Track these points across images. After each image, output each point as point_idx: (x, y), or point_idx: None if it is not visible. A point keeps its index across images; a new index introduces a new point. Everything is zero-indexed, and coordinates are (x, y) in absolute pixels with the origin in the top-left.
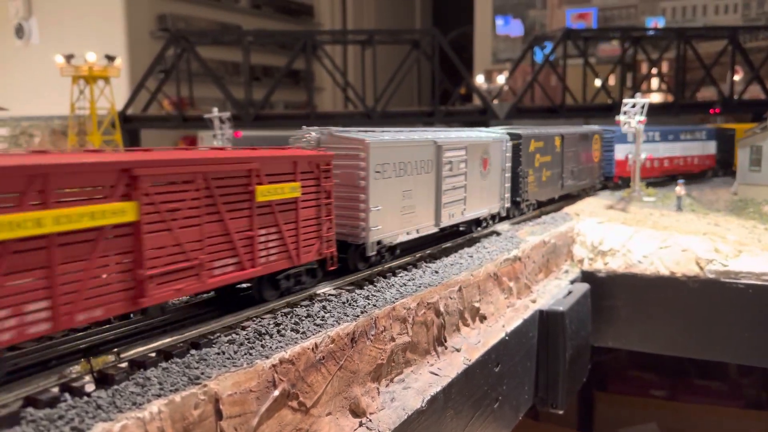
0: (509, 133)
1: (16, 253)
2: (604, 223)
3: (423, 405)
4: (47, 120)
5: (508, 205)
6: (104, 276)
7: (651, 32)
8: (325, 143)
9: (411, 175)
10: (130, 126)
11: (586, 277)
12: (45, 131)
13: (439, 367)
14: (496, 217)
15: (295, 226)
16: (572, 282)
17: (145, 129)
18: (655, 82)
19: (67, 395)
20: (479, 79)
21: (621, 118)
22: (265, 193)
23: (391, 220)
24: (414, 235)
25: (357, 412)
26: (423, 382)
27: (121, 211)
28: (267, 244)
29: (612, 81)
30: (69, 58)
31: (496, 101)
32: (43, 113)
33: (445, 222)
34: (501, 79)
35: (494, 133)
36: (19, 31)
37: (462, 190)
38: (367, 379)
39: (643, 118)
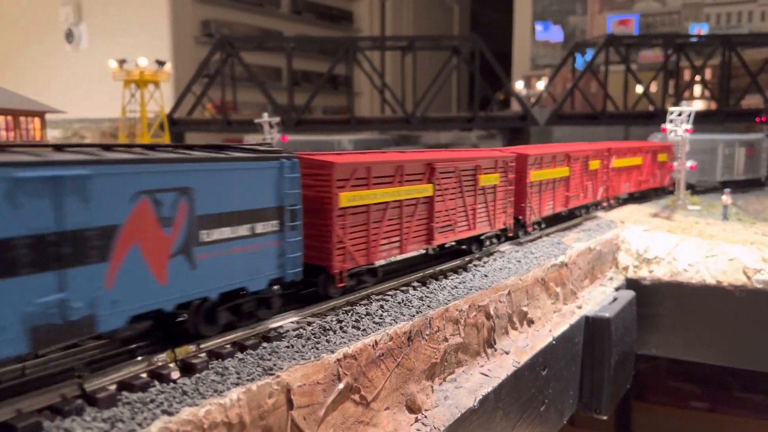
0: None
1: None
2: (649, 231)
3: (475, 404)
4: (97, 122)
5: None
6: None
7: (695, 39)
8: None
9: (700, 156)
10: (176, 129)
11: (631, 284)
12: (95, 133)
13: (489, 368)
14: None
15: (494, 204)
16: (617, 289)
17: (190, 132)
18: (698, 89)
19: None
20: (518, 85)
21: (667, 126)
22: (487, 180)
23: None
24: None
25: (413, 408)
26: (474, 383)
27: (425, 189)
28: (481, 214)
29: (654, 88)
30: (121, 62)
31: (535, 107)
32: (91, 115)
33: (723, 178)
34: (540, 85)
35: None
36: (69, 36)
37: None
38: (422, 377)
39: (689, 126)
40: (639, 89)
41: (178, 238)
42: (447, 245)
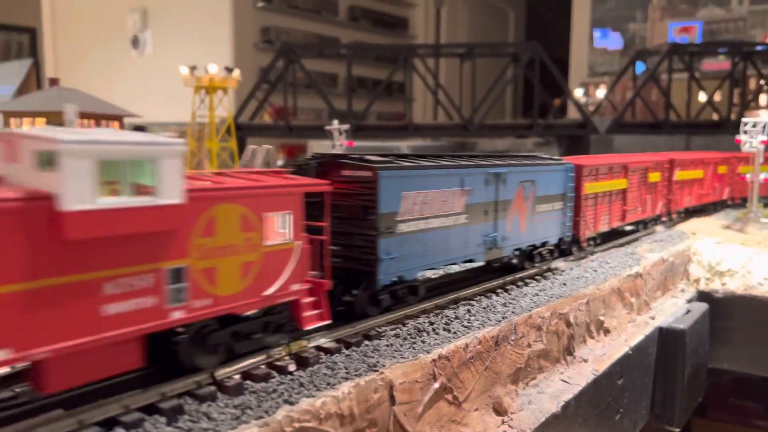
0: None
1: None
2: (721, 243)
3: (558, 410)
4: (164, 126)
5: None
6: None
7: (762, 47)
8: None
9: None
10: (239, 134)
11: (703, 296)
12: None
13: (569, 375)
14: None
15: (656, 195)
16: (689, 301)
17: (252, 137)
18: (764, 99)
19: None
20: (578, 93)
21: (742, 137)
22: (652, 177)
23: None
24: None
25: (499, 410)
26: (555, 389)
27: (622, 183)
28: (649, 203)
29: (717, 97)
30: (192, 69)
31: (595, 115)
32: (155, 119)
33: None
34: (600, 92)
35: None
36: (135, 42)
37: None
38: (508, 381)
39: (765, 137)
40: (702, 98)
41: (529, 208)
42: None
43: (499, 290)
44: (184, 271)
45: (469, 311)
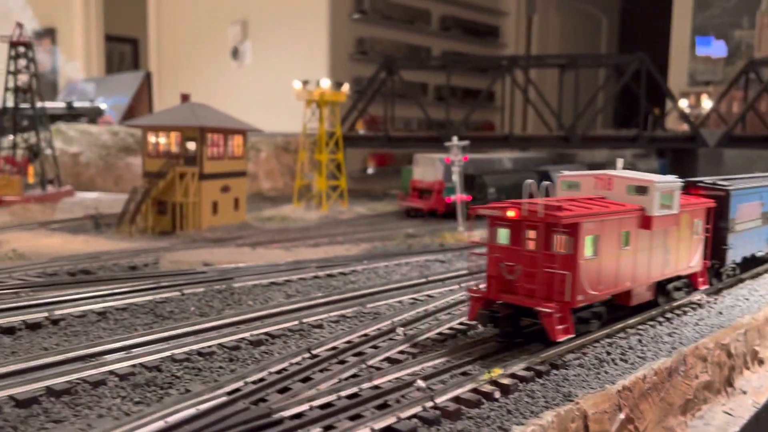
0: None
1: None
2: None
3: None
4: (271, 137)
5: None
6: None
7: None
8: None
9: None
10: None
11: None
12: (269, 146)
13: (731, 407)
14: None
15: None
16: None
17: (351, 148)
18: None
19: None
20: (682, 103)
21: None
22: None
23: None
24: None
25: None
26: (720, 421)
27: None
28: None
29: None
30: (305, 83)
31: (701, 128)
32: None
33: None
34: (707, 103)
35: None
36: (235, 53)
37: None
38: (678, 412)
39: None
40: None
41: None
42: None
43: (660, 319)
44: (670, 248)
45: (640, 341)
